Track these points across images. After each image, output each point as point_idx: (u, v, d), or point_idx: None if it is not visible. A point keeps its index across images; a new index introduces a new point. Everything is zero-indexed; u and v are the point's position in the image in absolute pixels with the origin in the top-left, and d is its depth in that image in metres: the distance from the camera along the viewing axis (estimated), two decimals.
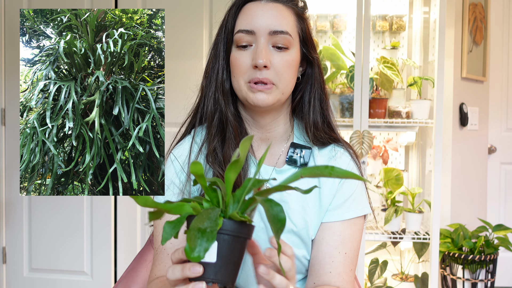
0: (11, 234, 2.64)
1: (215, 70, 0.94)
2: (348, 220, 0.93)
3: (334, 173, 0.62)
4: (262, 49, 0.88)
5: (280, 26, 0.89)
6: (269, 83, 0.88)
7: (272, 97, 0.89)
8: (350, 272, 0.92)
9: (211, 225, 0.58)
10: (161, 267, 0.91)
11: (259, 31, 0.88)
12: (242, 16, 0.91)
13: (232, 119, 0.93)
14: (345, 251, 0.92)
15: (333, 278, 0.90)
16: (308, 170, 0.63)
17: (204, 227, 0.57)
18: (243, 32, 0.89)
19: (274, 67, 0.89)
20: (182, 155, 0.95)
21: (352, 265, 0.93)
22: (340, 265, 0.91)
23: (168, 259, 0.91)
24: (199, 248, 0.56)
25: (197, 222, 0.58)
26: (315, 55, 0.96)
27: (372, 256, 2.44)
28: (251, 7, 0.91)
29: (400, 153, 2.53)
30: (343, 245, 0.92)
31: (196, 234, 0.57)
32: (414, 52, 2.52)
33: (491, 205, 3.07)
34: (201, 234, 0.57)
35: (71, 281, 2.59)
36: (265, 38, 0.89)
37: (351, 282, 0.92)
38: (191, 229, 0.57)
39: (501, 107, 3.09)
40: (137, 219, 2.56)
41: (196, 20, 2.50)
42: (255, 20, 0.89)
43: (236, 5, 0.93)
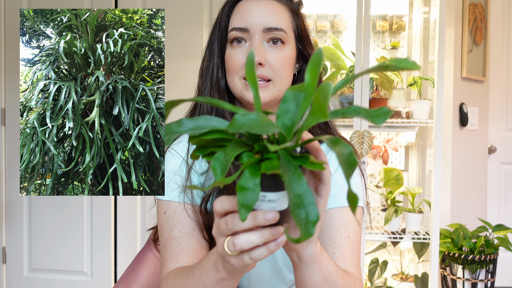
0: (11, 234, 2.64)
1: (210, 68, 0.94)
2: (347, 207, 0.90)
3: (389, 68, 0.50)
4: (257, 46, 0.87)
5: (275, 23, 0.88)
6: (265, 79, 0.88)
7: (268, 94, 0.89)
8: (356, 258, 0.87)
9: (303, 193, 0.47)
10: (174, 259, 0.86)
11: (253, 28, 0.88)
12: (236, 14, 0.90)
13: (229, 117, 0.93)
14: (348, 235, 0.87)
15: (338, 259, 0.85)
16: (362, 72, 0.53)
17: (300, 200, 0.47)
18: (237, 30, 0.89)
19: (269, 64, 0.88)
20: (181, 152, 0.95)
21: (357, 251, 0.88)
22: (344, 246, 0.86)
23: (180, 248, 0.87)
24: (306, 223, 0.47)
25: (289, 193, 0.47)
26: (311, 52, 0.95)
27: (372, 256, 2.44)
28: (245, 4, 0.90)
29: (400, 153, 2.53)
30: (345, 228, 0.88)
31: (300, 213, 0.47)
32: (414, 52, 2.52)
33: (491, 205, 3.07)
34: (301, 207, 0.47)
35: (71, 281, 2.59)
36: (260, 35, 0.88)
37: (358, 268, 0.87)
38: (293, 208, 0.47)
39: (501, 107, 3.09)
40: (137, 219, 2.56)
41: (196, 20, 2.50)
42: (249, 17, 0.88)
43: (230, 3, 0.92)
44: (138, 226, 2.56)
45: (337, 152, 0.49)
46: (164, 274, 0.87)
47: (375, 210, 2.46)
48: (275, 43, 0.89)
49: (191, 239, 0.88)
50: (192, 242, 0.88)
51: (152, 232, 1.15)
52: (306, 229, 0.47)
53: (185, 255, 0.86)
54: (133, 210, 2.56)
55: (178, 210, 0.89)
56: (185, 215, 0.89)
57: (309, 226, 0.47)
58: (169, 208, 0.90)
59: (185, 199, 0.90)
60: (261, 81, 0.88)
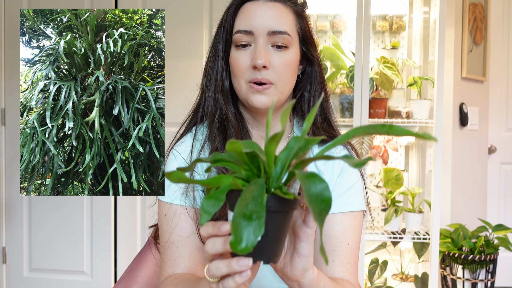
0: (11, 234, 2.64)
1: (214, 69, 0.94)
2: (349, 213, 0.92)
3: (393, 131, 0.53)
4: (261, 49, 0.87)
5: (279, 26, 0.88)
6: (268, 83, 0.88)
7: (271, 98, 0.89)
8: (354, 264, 0.90)
9: (257, 209, 0.50)
10: (172, 263, 0.89)
11: (257, 31, 0.88)
12: (241, 16, 0.91)
13: (233, 118, 0.93)
14: (347, 242, 0.89)
15: (337, 268, 0.88)
16: (362, 129, 0.56)
17: (249, 213, 0.50)
18: (242, 33, 0.89)
19: (273, 67, 0.88)
20: (184, 152, 0.95)
21: (355, 258, 0.91)
22: (343, 254, 0.89)
23: (178, 253, 0.89)
24: (246, 240, 0.49)
25: (240, 206, 0.51)
26: (315, 54, 0.96)
27: (372, 256, 2.44)
28: (250, 6, 0.90)
29: (400, 153, 2.53)
30: (345, 235, 0.90)
31: (240, 223, 0.49)
32: (414, 52, 2.52)
33: (491, 205, 3.07)
34: (247, 222, 0.49)
35: (71, 281, 2.59)
36: (264, 38, 0.88)
37: (355, 274, 0.90)
38: (235, 217, 0.50)
39: (501, 107, 3.09)
40: (137, 219, 2.56)
41: (196, 20, 2.50)
42: (253, 20, 0.89)
43: (235, 5, 0.92)
44: (138, 226, 2.56)
45: (306, 186, 0.51)
46: (162, 278, 0.89)
47: (375, 210, 2.46)
48: (280, 48, 0.89)
49: (190, 243, 0.89)
50: (190, 247, 0.89)
51: (153, 230, 1.15)
52: (240, 239, 0.50)
53: (182, 260, 0.88)
54: (133, 210, 2.56)
55: (178, 213, 0.90)
56: (184, 218, 0.90)
57: (242, 240, 0.50)
58: (170, 211, 0.91)
59: (186, 202, 0.90)
60: (263, 84, 0.88)
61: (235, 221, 0.50)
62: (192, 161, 0.92)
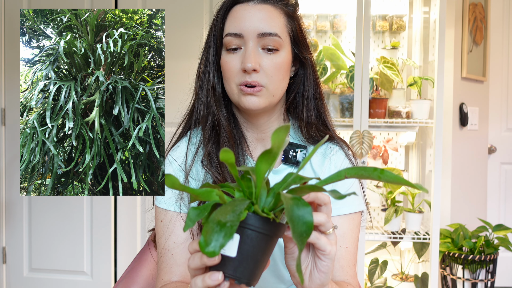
0: (11, 234, 2.64)
1: (206, 73, 0.94)
2: (347, 215, 0.92)
3: (384, 177, 0.55)
4: (251, 52, 0.86)
5: (269, 28, 0.87)
6: (258, 85, 0.87)
7: (263, 100, 0.89)
8: (353, 266, 0.91)
9: (233, 219, 0.52)
10: (167, 270, 0.89)
11: (247, 34, 0.87)
12: (230, 19, 0.90)
13: (225, 123, 0.93)
14: (346, 245, 0.91)
15: (337, 272, 0.89)
16: (354, 171, 0.58)
17: (224, 221, 0.52)
18: (232, 36, 0.88)
19: (263, 70, 0.88)
20: (179, 158, 0.95)
21: (354, 259, 0.92)
22: (342, 258, 0.90)
23: (173, 260, 0.90)
24: (214, 243, 0.51)
25: (218, 214, 0.52)
26: (308, 55, 0.95)
27: (372, 256, 2.44)
28: (239, 9, 0.89)
29: (400, 153, 2.53)
30: (343, 239, 0.91)
31: (213, 227, 0.51)
32: (414, 52, 2.52)
33: (491, 205, 3.07)
34: (220, 228, 0.51)
35: (71, 281, 2.59)
36: (254, 41, 0.87)
37: (355, 276, 0.92)
38: (209, 221, 0.52)
39: (501, 107, 3.09)
40: (137, 219, 2.56)
41: (196, 20, 2.50)
42: (243, 23, 0.88)
43: (224, 8, 0.91)
44: (138, 226, 2.56)
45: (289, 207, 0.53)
46: (158, 285, 0.90)
47: (375, 210, 2.46)
48: (270, 50, 0.88)
49: (185, 250, 0.90)
50: (185, 254, 0.90)
51: (152, 233, 1.15)
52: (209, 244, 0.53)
53: (178, 268, 0.89)
54: (133, 210, 2.56)
55: (173, 220, 0.91)
56: (179, 225, 0.91)
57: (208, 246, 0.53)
58: (166, 217, 0.92)
59: (181, 208, 0.90)
60: (254, 87, 0.88)
61: (208, 225, 0.52)
62: (188, 167, 0.93)
